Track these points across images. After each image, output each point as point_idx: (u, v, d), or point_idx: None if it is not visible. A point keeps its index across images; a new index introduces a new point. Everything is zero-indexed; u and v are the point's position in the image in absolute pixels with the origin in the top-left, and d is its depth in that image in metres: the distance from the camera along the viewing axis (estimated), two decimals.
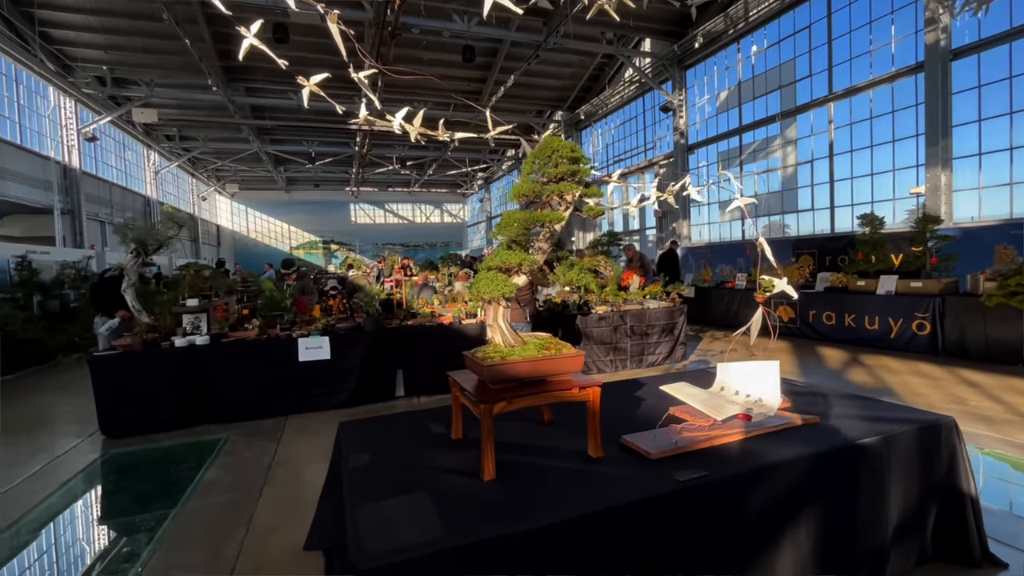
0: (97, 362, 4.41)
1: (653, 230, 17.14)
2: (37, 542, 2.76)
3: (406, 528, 1.45)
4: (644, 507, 1.59)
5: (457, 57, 13.81)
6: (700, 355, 7.28)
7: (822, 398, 2.57)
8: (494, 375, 1.83)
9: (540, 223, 1.86)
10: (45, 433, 4.75)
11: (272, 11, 10.89)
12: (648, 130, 16.93)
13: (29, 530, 2.86)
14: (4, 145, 12.46)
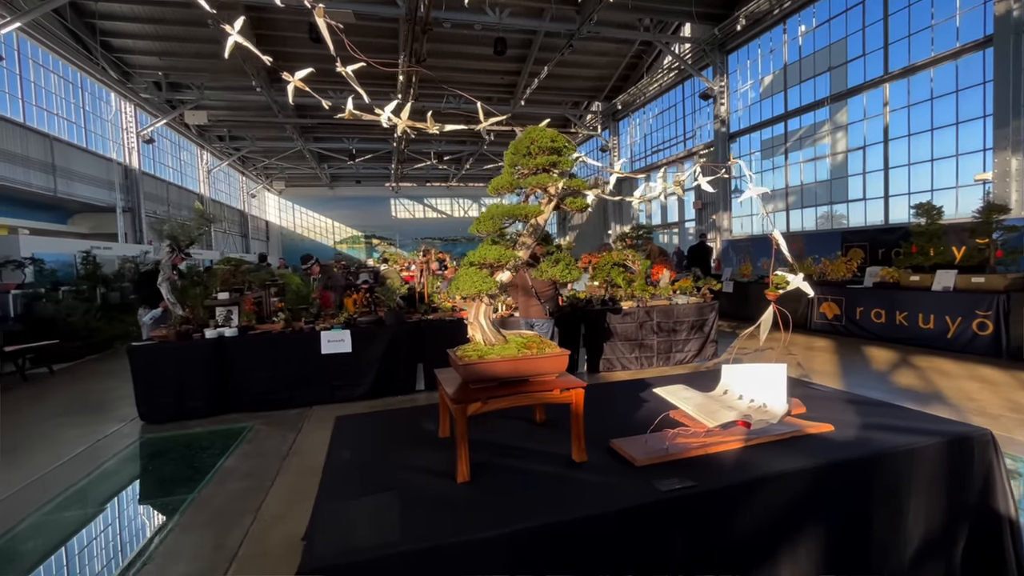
0: (135, 351, 4.67)
1: (692, 222, 16.56)
2: (65, 521, 2.95)
3: (365, 529, 1.42)
4: (618, 518, 1.50)
5: (489, 50, 13.75)
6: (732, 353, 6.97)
7: (842, 404, 2.37)
8: (470, 374, 1.77)
9: (520, 217, 1.78)
10: (93, 417, 5.08)
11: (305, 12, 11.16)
12: (688, 119, 16.35)
13: (59, 510, 3.06)
14: (72, 149, 13.44)
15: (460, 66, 16.36)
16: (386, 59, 14.87)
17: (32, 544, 2.70)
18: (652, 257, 9.01)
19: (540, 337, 1.97)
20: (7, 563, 2.53)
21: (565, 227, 28.59)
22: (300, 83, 2.06)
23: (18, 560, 2.56)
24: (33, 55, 12.13)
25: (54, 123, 12.81)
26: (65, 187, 12.96)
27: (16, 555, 2.60)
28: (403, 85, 15.09)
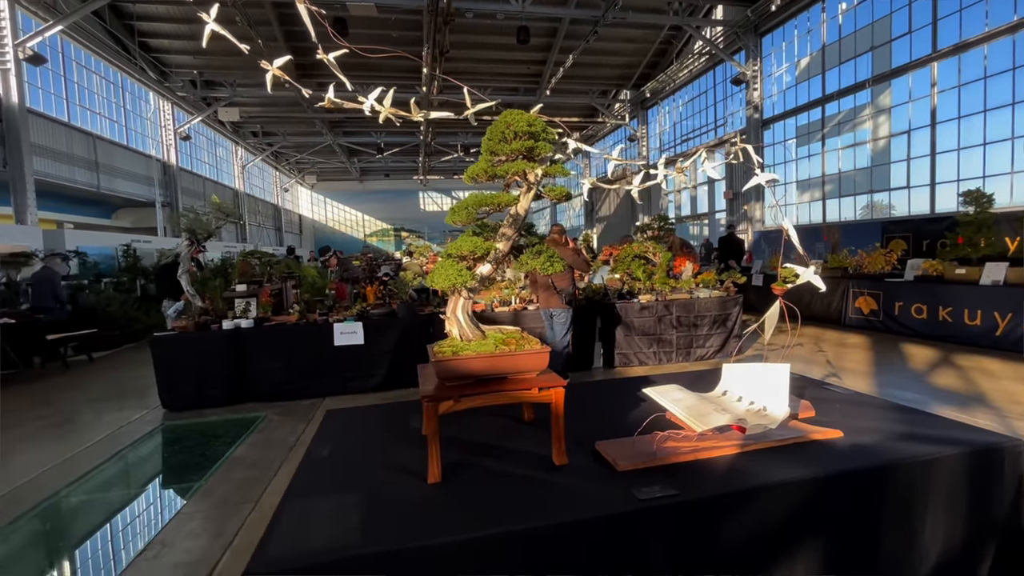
0: (156, 342, 4.82)
1: (723, 213, 16.02)
2: (78, 504, 3.05)
3: (322, 530, 1.38)
4: (588, 527, 1.41)
5: (513, 40, 13.57)
6: (757, 349, 6.69)
7: (858, 408, 2.19)
8: (443, 371, 1.70)
9: (494, 207, 1.68)
10: (122, 403, 5.29)
11: (332, 5, 11.26)
12: (719, 105, 15.76)
13: (76, 492, 3.17)
14: (114, 146, 14.04)
15: (484, 57, 16.24)
16: (410, 51, 14.89)
17: (48, 524, 2.80)
18: (674, 249, 8.74)
19: (521, 333, 1.88)
20: (23, 542, 2.63)
21: (592, 219, 28.18)
22: (279, 72, 2.01)
23: (32, 540, 2.66)
24: (76, 57, 12.69)
25: (97, 122, 13.39)
26: (108, 183, 13.57)
27: (32, 535, 2.70)
28: (427, 78, 15.10)
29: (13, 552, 2.57)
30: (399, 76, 17.00)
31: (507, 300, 5.78)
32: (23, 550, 2.60)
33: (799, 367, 5.67)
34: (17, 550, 2.59)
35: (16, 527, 2.78)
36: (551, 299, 4.99)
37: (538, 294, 5.14)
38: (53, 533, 2.73)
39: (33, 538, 2.69)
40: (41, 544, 2.64)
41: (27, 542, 2.66)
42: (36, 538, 2.69)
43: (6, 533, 2.71)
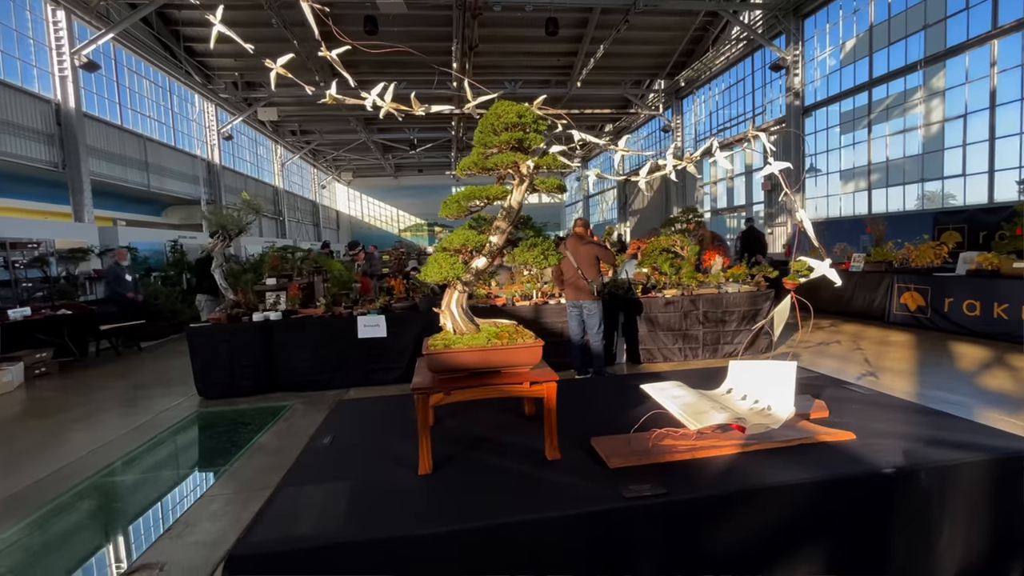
0: (192, 333, 5.07)
1: (761, 205, 15.44)
2: (116, 483, 3.25)
3: (308, 517, 1.41)
4: (570, 523, 1.39)
5: (542, 32, 13.43)
6: (791, 347, 6.43)
7: (878, 410, 2.07)
8: (435, 364, 1.71)
9: (485, 200, 1.67)
10: (163, 390, 5.60)
11: (362, 4, 11.46)
12: (757, 93, 15.17)
13: (112, 473, 3.38)
14: (163, 147, 14.79)
15: (514, 50, 16.15)
16: (440, 47, 14.99)
17: (86, 502, 3.00)
18: (705, 243, 8.49)
19: (516, 327, 1.86)
20: (62, 517, 2.82)
21: (626, 212, 27.71)
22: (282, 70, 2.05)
23: (71, 515, 2.85)
24: (128, 63, 13.41)
25: (147, 124, 14.14)
26: (157, 183, 14.32)
27: (72, 510, 2.90)
28: (457, 72, 15.15)
29: (54, 525, 2.77)
30: (430, 72, 17.13)
31: (529, 294, 5.76)
32: (62, 524, 2.79)
33: (833, 365, 5.42)
34: (57, 524, 2.79)
35: (59, 503, 2.99)
36: (580, 293, 5.01)
37: (565, 288, 5.14)
38: (89, 510, 2.92)
39: (72, 514, 2.88)
40: (78, 519, 2.82)
41: (66, 517, 2.86)
42: (74, 514, 2.88)
43: (49, 509, 2.92)
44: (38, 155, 10.45)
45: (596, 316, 5.02)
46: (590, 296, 4.99)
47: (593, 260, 5.00)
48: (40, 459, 3.74)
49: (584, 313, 5.05)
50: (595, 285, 4.98)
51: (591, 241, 5.23)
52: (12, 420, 4.92)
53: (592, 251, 5.00)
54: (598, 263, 5.06)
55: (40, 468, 3.56)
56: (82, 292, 9.59)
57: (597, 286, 5.00)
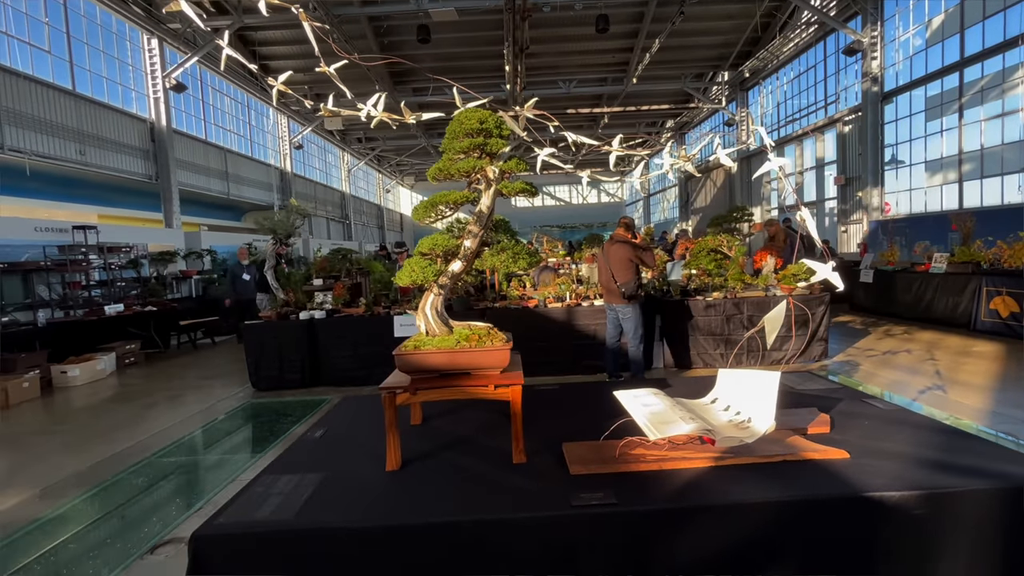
0: (247, 329, 5.50)
1: (833, 201, 14.30)
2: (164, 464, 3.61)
3: (271, 505, 1.51)
4: (511, 527, 1.39)
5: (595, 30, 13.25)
6: (851, 355, 5.94)
7: (891, 427, 1.89)
8: (403, 364, 1.77)
9: (448, 205, 1.71)
10: (225, 381, 6.12)
11: (415, 15, 11.86)
12: (829, 80, 14.07)
13: (163, 455, 3.76)
14: (241, 158, 16.11)
15: (566, 49, 16.04)
16: (492, 51, 15.19)
17: (138, 480, 3.36)
18: (777, 241, 8.01)
19: (488, 330, 1.88)
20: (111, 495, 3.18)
21: (688, 210, 26.67)
22: (283, 87, 2.20)
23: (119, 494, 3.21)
24: (211, 82, 14.74)
25: (227, 137, 15.46)
26: (236, 191, 15.62)
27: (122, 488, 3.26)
28: (510, 75, 15.31)
29: (105, 500, 3.12)
30: (484, 76, 17.44)
31: (562, 296, 5.72)
32: (113, 498, 3.14)
33: (895, 377, 4.95)
34: (109, 498, 3.14)
35: (116, 480, 3.37)
36: (612, 295, 4.94)
37: (602, 290, 5.10)
38: (138, 487, 3.26)
39: (122, 490, 3.24)
40: (126, 495, 3.17)
41: (117, 493, 3.21)
42: (125, 490, 3.24)
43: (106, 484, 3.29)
44: (136, 169, 11.75)
45: (631, 320, 4.89)
46: (621, 299, 4.87)
47: (626, 262, 4.86)
48: (111, 440, 4.22)
49: (619, 317, 4.95)
50: (627, 288, 4.81)
51: (625, 241, 5.11)
52: (99, 404, 5.58)
53: (624, 252, 4.87)
54: (633, 265, 4.92)
55: (110, 447, 4.02)
56: (169, 291, 10.66)
57: (630, 289, 4.82)
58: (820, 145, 15.08)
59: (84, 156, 10.42)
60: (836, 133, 13.82)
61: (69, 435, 4.50)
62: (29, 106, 9.24)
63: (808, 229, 1.99)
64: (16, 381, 5.66)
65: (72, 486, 3.33)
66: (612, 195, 39.73)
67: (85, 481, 3.40)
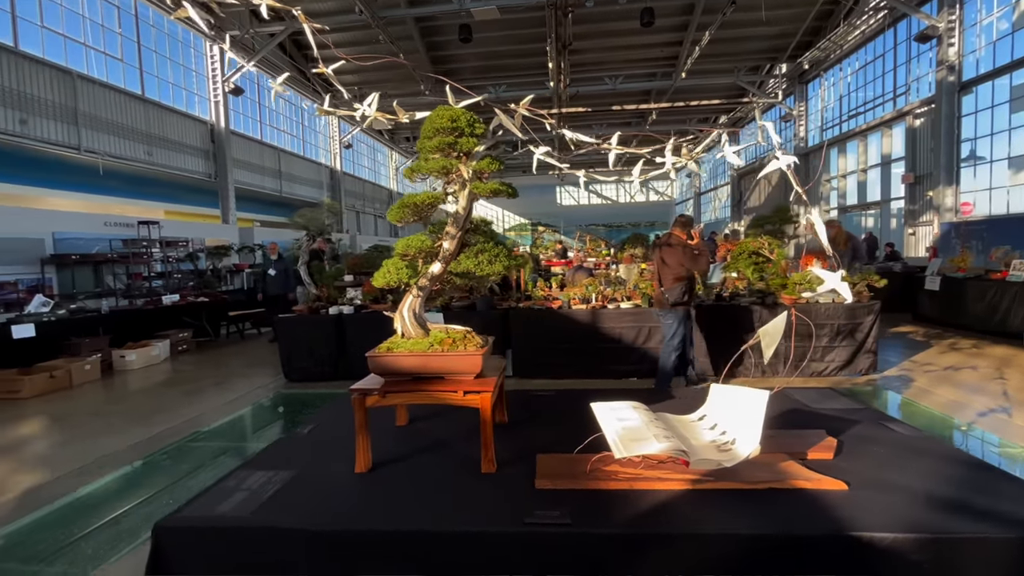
0: (279, 322, 5.72)
1: (900, 201, 13.23)
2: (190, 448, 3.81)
3: (235, 500, 1.54)
4: (456, 541, 1.34)
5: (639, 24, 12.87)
6: (905, 370, 5.46)
7: (909, 457, 1.69)
8: (375, 366, 1.76)
9: (419, 205, 1.67)
10: (263, 371, 6.41)
11: (457, 15, 11.95)
12: (899, 70, 13.00)
13: (192, 440, 3.97)
14: (294, 157, 16.85)
15: (612, 45, 15.68)
16: (536, 48, 15.08)
17: (166, 462, 3.56)
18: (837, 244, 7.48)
19: (467, 333, 1.83)
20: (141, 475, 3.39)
21: (740, 210, 25.51)
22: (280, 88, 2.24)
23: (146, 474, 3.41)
24: (266, 85, 15.49)
25: (281, 138, 16.22)
26: (288, 188, 16.37)
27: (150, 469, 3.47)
28: (553, 72, 15.16)
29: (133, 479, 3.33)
30: (527, 73, 17.36)
31: (588, 297, 5.59)
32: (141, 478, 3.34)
33: (951, 396, 4.50)
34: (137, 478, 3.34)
35: (147, 460, 3.59)
36: (657, 299, 4.79)
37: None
38: (164, 468, 3.46)
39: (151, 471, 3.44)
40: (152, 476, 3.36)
41: (145, 473, 3.42)
42: (152, 471, 3.43)
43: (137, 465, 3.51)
44: (197, 168, 12.54)
45: (670, 327, 4.65)
46: (661, 303, 4.70)
47: (672, 263, 4.63)
48: (151, 423, 4.50)
49: (661, 322, 4.78)
50: (671, 292, 4.63)
51: (672, 242, 4.80)
52: (150, 387, 5.98)
53: (671, 254, 4.62)
54: (682, 268, 4.63)
55: (148, 430, 4.29)
56: (223, 283, 11.31)
57: (673, 294, 4.63)
58: (887, 140, 13.97)
59: (151, 156, 11.22)
60: (905, 127, 12.74)
61: (117, 417, 4.84)
62: (104, 110, 10.04)
63: (817, 234, 1.82)
64: (79, 364, 6.15)
65: (108, 465, 3.57)
66: (661, 194, 38.62)
67: (121, 460, 3.64)
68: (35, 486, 3.30)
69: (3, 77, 8.38)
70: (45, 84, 9.06)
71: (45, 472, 3.53)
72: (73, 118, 9.48)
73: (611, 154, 2.21)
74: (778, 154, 1.83)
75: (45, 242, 8.16)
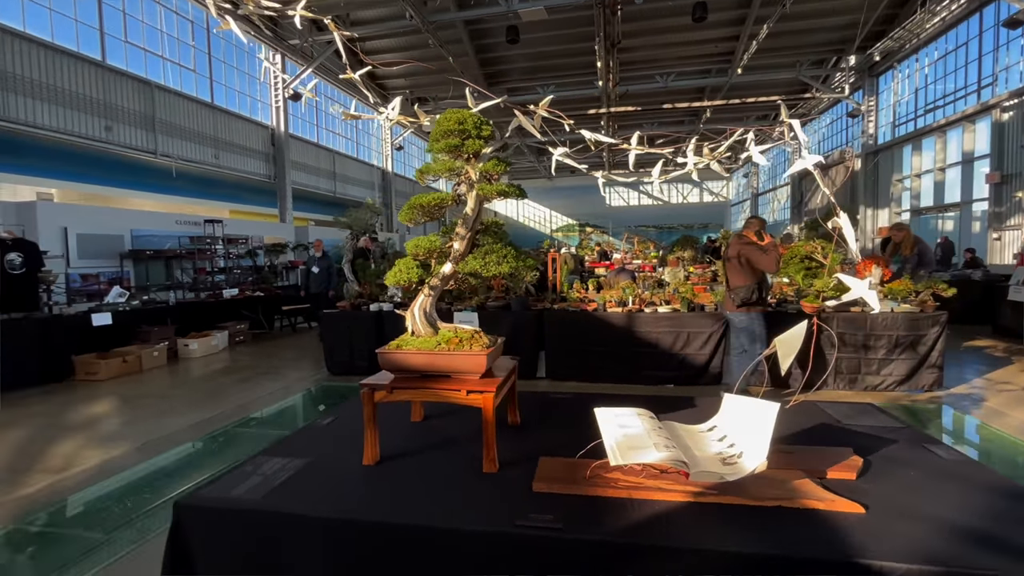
0: (323, 317, 5.99)
1: (984, 203, 12.09)
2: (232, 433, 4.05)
3: (251, 484, 1.62)
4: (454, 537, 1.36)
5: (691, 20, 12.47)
6: (976, 388, 5.00)
7: (950, 483, 1.55)
8: (385, 362, 1.81)
9: (428, 206, 1.70)
10: (309, 363, 6.73)
11: (504, 16, 12.03)
12: (985, 59, 11.89)
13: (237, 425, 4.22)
14: (347, 159, 17.57)
15: (664, 42, 15.30)
16: (584, 47, 14.94)
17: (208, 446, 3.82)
18: (905, 248, 6.99)
19: (475, 333, 1.85)
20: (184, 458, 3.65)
21: (801, 211, 24.19)
22: (310, 94, 2.34)
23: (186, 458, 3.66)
24: (323, 90, 16.23)
25: (335, 140, 16.94)
26: (342, 189, 17.08)
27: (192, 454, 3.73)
28: (602, 71, 14.98)
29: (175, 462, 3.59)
30: (576, 73, 17.24)
31: (624, 300, 5.49)
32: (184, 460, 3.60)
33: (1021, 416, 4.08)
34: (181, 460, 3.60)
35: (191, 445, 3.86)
36: (727, 300, 4.72)
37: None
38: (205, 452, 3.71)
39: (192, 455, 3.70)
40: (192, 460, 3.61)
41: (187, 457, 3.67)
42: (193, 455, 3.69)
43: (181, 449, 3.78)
44: (259, 170, 13.32)
45: (737, 329, 4.62)
46: (730, 305, 4.66)
47: (738, 264, 4.56)
48: (202, 407, 4.85)
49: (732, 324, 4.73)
50: (738, 292, 4.54)
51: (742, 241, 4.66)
52: (208, 374, 6.43)
53: (736, 251, 4.58)
54: (748, 267, 4.54)
55: (201, 414, 4.61)
56: (280, 279, 11.96)
57: (741, 294, 4.54)
58: (969, 136, 12.80)
59: (218, 159, 12.03)
60: (991, 121, 11.62)
61: (178, 400, 5.24)
62: (177, 117, 10.88)
63: (846, 239, 1.70)
64: (149, 350, 6.70)
65: (165, 444, 3.87)
66: (716, 194, 37.25)
67: (175, 440, 3.94)
68: (104, 460, 3.63)
69: (91, 88, 9.25)
70: (128, 94, 9.92)
71: (112, 447, 3.87)
72: (151, 125, 10.32)
73: (631, 155, 2.16)
74: (804, 153, 1.73)
75: (124, 238, 8.94)
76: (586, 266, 12.36)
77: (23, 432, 4.25)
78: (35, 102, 8.63)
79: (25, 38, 8.50)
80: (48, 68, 8.76)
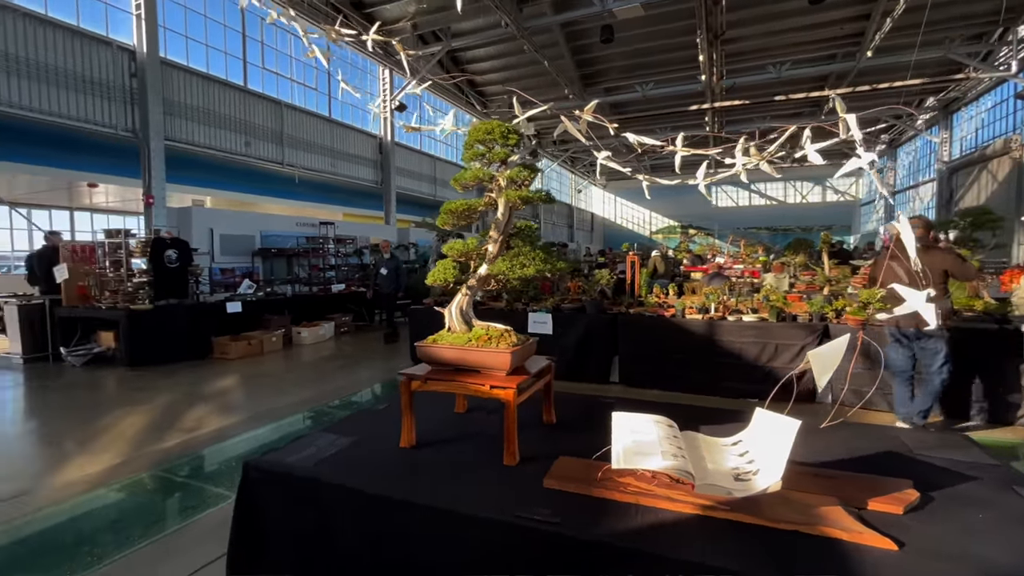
0: (409, 312, 6.44)
1: None
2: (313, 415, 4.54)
3: (306, 454, 1.87)
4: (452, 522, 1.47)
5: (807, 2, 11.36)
6: None
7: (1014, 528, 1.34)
8: (422, 355, 1.97)
9: (461, 212, 1.82)
10: (396, 356, 7.27)
11: (599, 16, 11.90)
12: None
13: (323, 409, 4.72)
14: (448, 165, 18.49)
15: (775, 28, 14.07)
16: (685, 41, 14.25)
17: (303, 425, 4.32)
18: None
19: (504, 331, 1.93)
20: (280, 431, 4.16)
21: (950, 209, 20.83)
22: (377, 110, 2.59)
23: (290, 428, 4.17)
24: (426, 99, 17.29)
25: (436, 146, 17.96)
26: (441, 193, 18.06)
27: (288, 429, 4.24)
28: (705, 65, 14.21)
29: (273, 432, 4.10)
30: (677, 68, 16.52)
31: (706, 307, 5.21)
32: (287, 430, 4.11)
33: None
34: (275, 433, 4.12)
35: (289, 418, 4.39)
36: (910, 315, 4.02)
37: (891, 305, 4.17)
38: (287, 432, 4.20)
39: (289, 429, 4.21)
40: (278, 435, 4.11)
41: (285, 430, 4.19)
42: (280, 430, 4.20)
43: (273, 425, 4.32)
44: (368, 176, 14.59)
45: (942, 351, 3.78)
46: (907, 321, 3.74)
47: (941, 274, 3.80)
48: (304, 386, 5.47)
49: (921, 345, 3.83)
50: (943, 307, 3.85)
51: (937, 247, 4.12)
52: (315, 360, 7.22)
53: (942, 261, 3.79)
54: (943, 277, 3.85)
55: (302, 394, 5.22)
56: None
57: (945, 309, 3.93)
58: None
59: (334, 167, 13.39)
60: None
61: (288, 382, 5.97)
62: (301, 131, 12.30)
63: (907, 246, 1.53)
64: (269, 336, 7.70)
65: (270, 416, 4.47)
66: (842, 193, 33.37)
67: (279, 415, 4.52)
68: (223, 426, 4.28)
69: (235, 109, 10.81)
70: (262, 113, 11.45)
71: (231, 416, 4.54)
72: (280, 139, 11.80)
73: (676, 157, 2.10)
74: (859, 151, 1.58)
75: (255, 238, 10.33)
76: (681, 270, 11.81)
77: (169, 398, 5.14)
78: (194, 124, 10.33)
79: (188, 71, 10.21)
80: (204, 94, 10.43)
